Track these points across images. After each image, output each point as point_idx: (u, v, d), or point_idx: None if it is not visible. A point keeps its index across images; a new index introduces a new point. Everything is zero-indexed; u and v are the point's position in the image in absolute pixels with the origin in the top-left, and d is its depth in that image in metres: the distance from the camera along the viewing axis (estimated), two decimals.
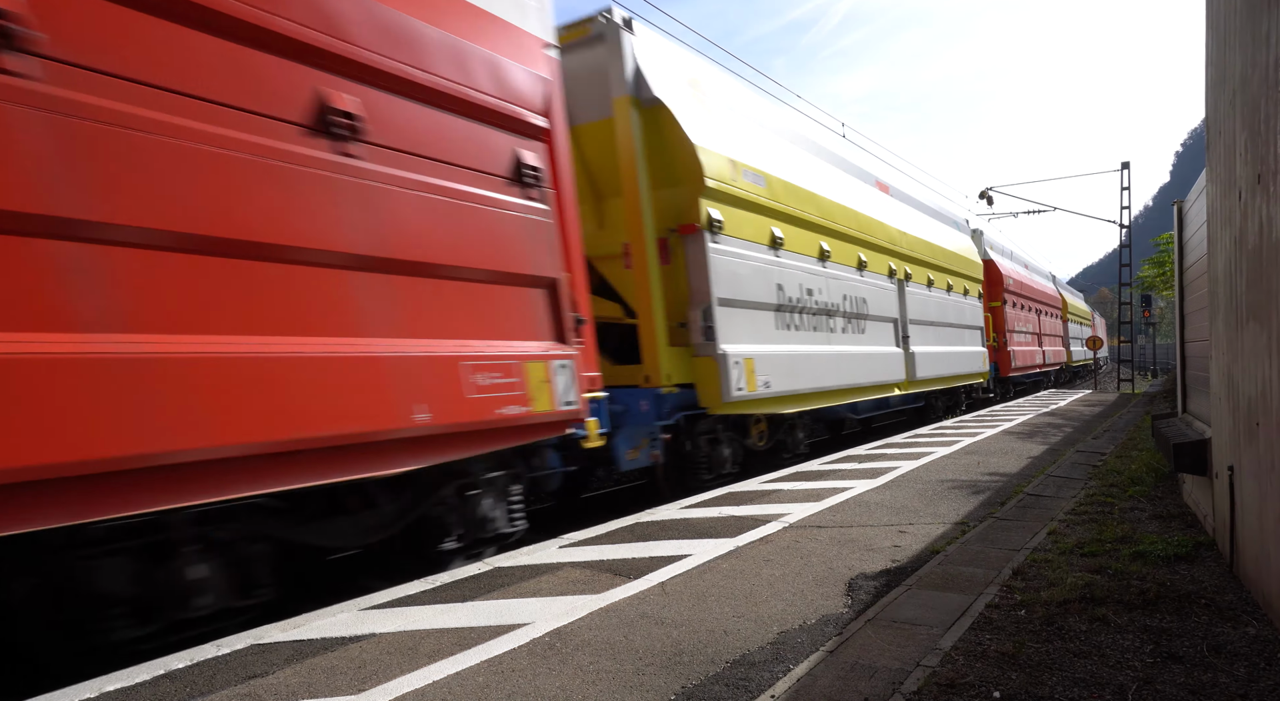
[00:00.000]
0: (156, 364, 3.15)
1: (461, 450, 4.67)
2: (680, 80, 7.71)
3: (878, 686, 2.83)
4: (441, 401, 4.37)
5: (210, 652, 3.34)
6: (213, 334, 3.38)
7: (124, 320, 3.11)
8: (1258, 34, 3.03)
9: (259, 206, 3.60)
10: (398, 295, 4.26)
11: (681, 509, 6.37)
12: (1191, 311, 6.36)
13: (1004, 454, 9.17)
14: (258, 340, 3.54)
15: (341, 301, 3.97)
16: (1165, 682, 2.79)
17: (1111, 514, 5.62)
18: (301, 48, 3.82)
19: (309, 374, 3.71)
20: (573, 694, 2.86)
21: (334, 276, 3.94)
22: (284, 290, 3.70)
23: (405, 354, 4.20)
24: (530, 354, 5.07)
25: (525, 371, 4.99)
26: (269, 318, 3.62)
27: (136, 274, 3.17)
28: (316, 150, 3.87)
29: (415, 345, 4.29)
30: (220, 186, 3.45)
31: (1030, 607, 3.63)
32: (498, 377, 4.77)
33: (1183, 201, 6.72)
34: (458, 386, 4.49)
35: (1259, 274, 3.20)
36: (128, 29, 3.22)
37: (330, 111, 3.93)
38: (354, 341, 3.97)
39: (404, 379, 4.17)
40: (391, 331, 4.19)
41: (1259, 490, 3.38)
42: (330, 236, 3.91)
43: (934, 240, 14.46)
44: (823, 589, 4.08)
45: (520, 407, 4.90)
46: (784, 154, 9.52)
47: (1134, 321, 29.35)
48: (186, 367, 3.24)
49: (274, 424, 3.55)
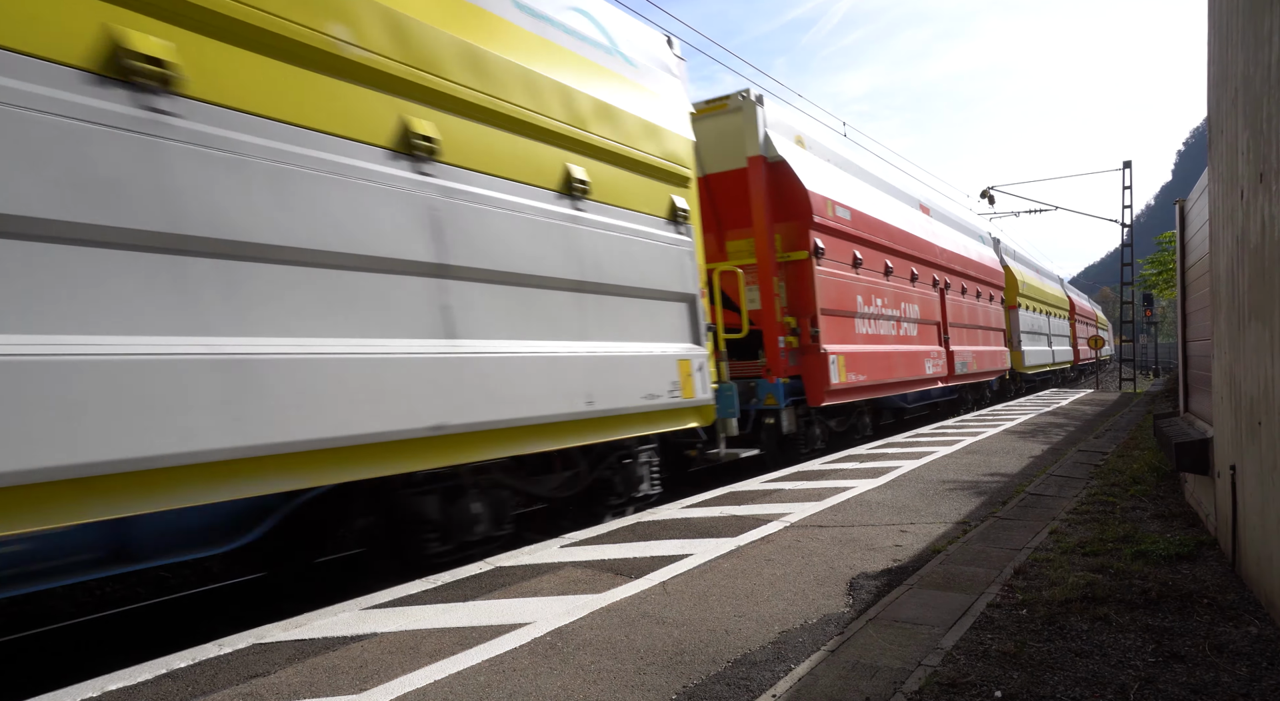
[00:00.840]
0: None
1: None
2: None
3: (879, 686, 2.83)
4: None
5: (212, 652, 3.34)
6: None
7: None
8: (1259, 32, 3.03)
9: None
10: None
11: (682, 508, 6.37)
12: (1193, 310, 6.35)
13: (1005, 453, 9.16)
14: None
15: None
16: (1167, 682, 2.79)
17: (1113, 513, 5.62)
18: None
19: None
20: (574, 693, 2.86)
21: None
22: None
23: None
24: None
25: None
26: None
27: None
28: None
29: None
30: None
31: (1032, 607, 3.63)
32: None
33: (1184, 200, 6.71)
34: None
35: (1261, 273, 3.20)
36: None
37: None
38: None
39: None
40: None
41: (1261, 489, 3.38)
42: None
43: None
44: (824, 588, 4.07)
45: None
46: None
47: (1135, 321, 29.34)
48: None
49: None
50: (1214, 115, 4.16)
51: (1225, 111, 3.81)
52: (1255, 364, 3.39)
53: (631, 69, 6.45)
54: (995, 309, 18.61)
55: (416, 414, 4.23)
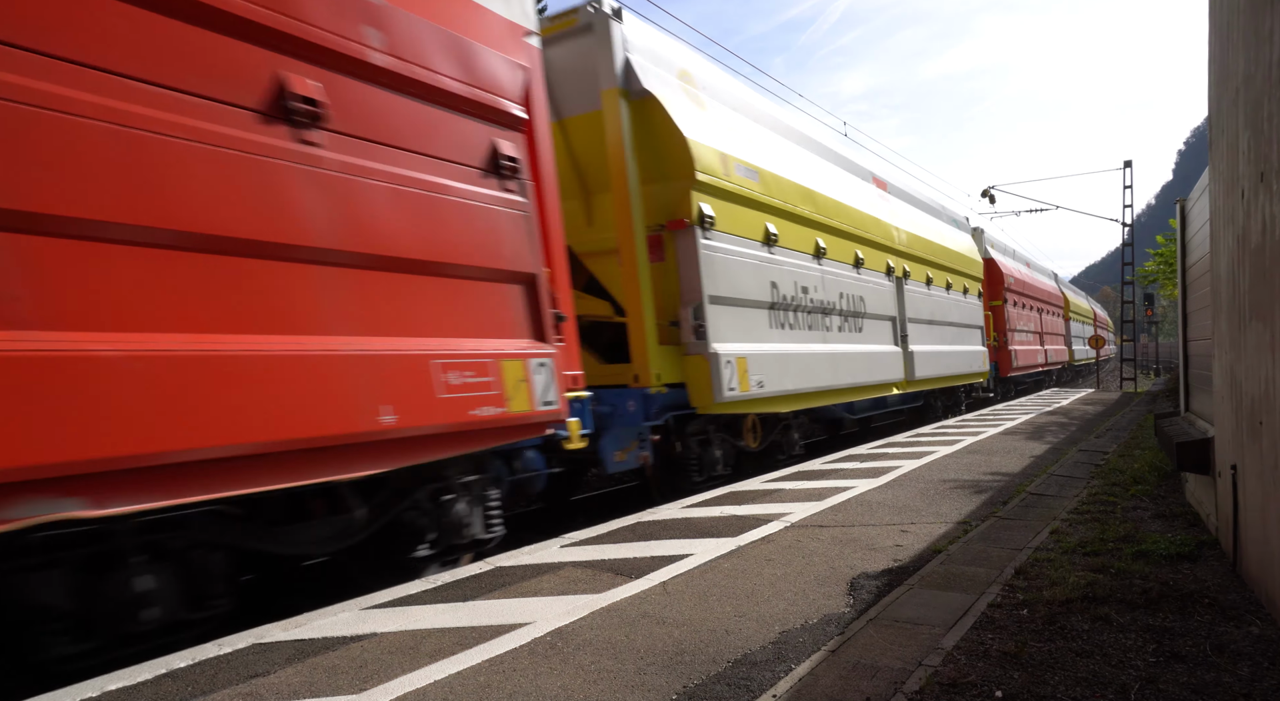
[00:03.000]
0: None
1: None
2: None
3: (880, 686, 2.83)
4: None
5: (212, 652, 3.34)
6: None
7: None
8: (1260, 32, 3.02)
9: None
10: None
11: (683, 508, 6.37)
12: (1194, 310, 6.34)
13: (1006, 453, 9.16)
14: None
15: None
16: (1168, 682, 2.78)
17: (1114, 513, 5.61)
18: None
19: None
20: (574, 693, 2.86)
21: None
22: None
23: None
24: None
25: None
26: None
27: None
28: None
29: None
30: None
31: (1033, 607, 3.62)
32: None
33: (1185, 200, 6.71)
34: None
35: (1262, 272, 3.19)
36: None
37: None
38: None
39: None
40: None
41: (1262, 489, 3.37)
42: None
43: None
44: (824, 588, 4.07)
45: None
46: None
47: (1136, 320, 29.31)
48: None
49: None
50: (1215, 115, 4.15)
51: (1226, 111, 3.81)
52: (1256, 363, 3.38)
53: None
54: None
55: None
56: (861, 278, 10.93)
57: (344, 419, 3.84)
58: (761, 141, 9.01)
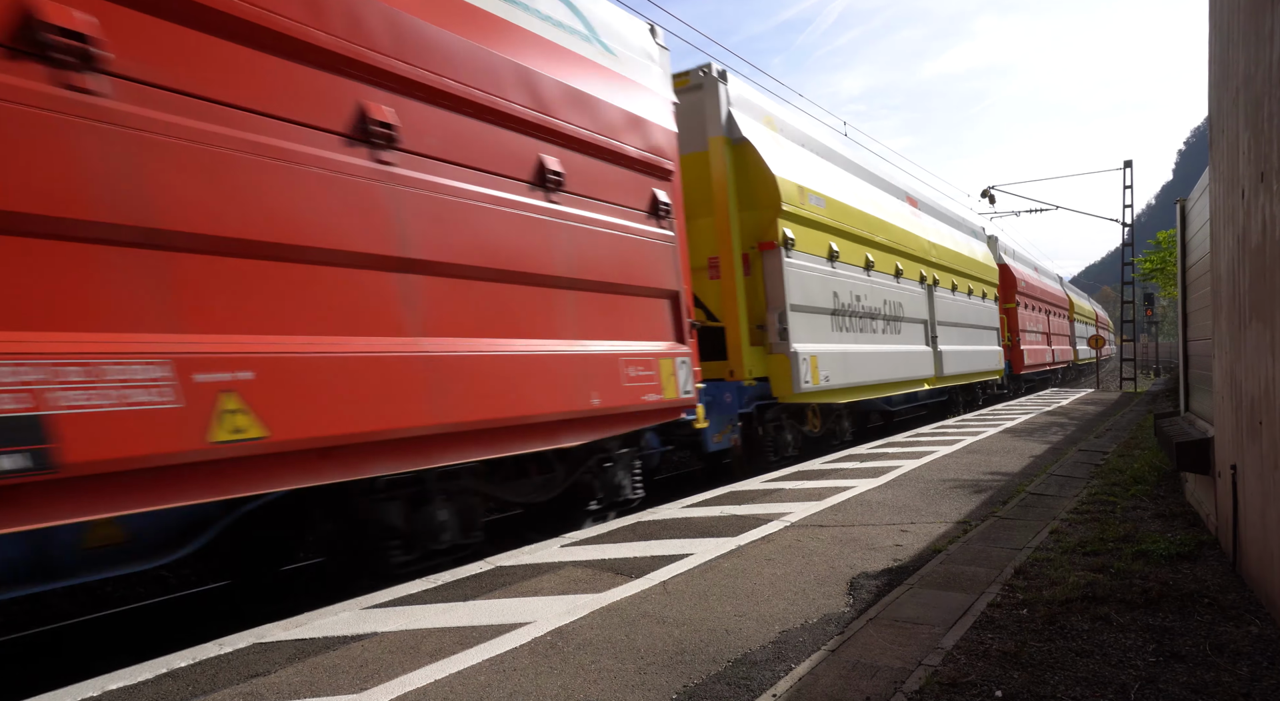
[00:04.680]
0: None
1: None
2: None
3: (880, 685, 2.83)
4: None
5: (212, 651, 3.34)
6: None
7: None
8: (1260, 32, 3.02)
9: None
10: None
11: (683, 508, 6.37)
12: (1194, 310, 6.35)
13: (1006, 453, 9.16)
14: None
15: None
16: (1168, 681, 2.79)
17: (1114, 513, 5.62)
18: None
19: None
20: (574, 693, 2.86)
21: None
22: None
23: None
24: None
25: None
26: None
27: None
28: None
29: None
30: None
31: (1032, 606, 3.63)
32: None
33: (1185, 200, 6.70)
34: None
35: (1262, 272, 3.19)
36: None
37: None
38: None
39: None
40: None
41: (1262, 489, 3.37)
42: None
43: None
44: (824, 588, 4.07)
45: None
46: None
47: (1136, 320, 29.31)
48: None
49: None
50: (1215, 115, 4.15)
51: (1226, 111, 3.81)
52: (1256, 363, 3.38)
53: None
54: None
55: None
56: (900, 286, 12.39)
57: (570, 401, 5.35)
58: (822, 171, 10.52)
